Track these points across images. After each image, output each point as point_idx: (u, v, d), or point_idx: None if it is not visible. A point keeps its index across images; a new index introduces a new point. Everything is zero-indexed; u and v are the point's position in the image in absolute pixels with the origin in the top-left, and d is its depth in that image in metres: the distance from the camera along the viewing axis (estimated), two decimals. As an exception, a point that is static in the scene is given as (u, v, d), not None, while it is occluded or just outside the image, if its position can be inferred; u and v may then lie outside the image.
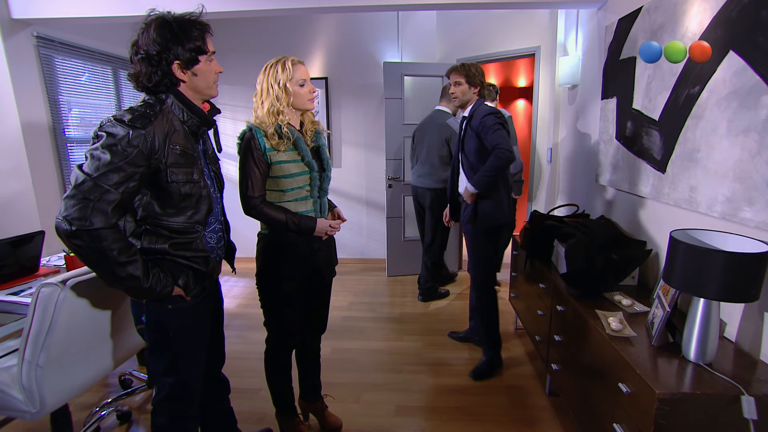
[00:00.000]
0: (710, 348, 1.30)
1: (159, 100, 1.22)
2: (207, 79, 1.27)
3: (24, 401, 1.39)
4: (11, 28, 2.66)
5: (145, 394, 2.23)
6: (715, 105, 1.51)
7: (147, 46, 1.17)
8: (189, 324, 1.34)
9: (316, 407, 2.01)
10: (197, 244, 1.30)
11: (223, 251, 1.47)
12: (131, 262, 1.14)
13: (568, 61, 2.88)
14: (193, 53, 1.21)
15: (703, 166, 1.58)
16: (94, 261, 1.12)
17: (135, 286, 1.16)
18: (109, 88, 3.55)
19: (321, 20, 4.14)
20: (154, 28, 1.18)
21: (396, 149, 3.87)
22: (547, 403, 2.18)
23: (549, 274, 2.19)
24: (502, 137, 2.12)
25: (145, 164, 1.14)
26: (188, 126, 1.27)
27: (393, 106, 3.80)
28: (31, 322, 1.34)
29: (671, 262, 1.31)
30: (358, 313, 3.31)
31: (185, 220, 1.25)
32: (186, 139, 1.24)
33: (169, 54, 1.18)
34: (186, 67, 1.22)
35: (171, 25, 1.18)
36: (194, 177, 1.25)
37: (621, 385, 1.36)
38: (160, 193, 1.20)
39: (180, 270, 1.27)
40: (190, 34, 1.19)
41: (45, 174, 2.88)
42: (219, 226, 1.43)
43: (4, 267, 1.97)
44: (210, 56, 1.27)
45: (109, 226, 1.10)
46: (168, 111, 1.22)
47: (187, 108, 1.25)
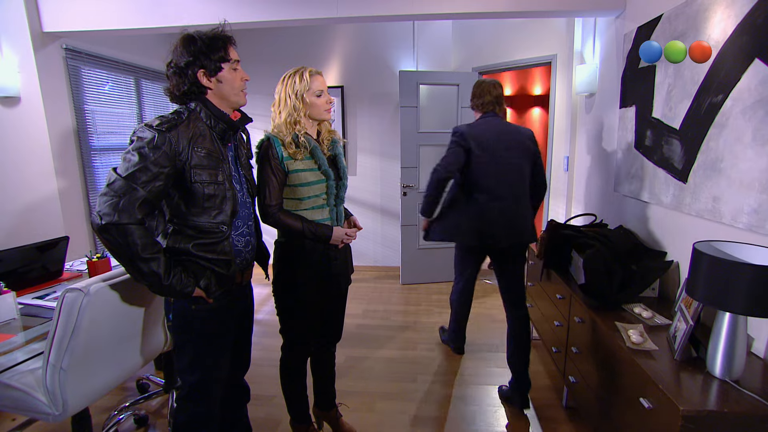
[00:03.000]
0: (737, 364, 1.26)
1: (188, 109, 1.32)
2: (232, 86, 1.35)
3: (47, 403, 1.43)
4: (42, 41, 2.77)
5: (162, 399, 2.26)
6: (740, 113, 1.47)
7: (177, 60, 1.29)
8: (211, 325, 1.38)
9: (330, 416, 2.00)
10: (223, 246, 1.34)
11: (251, 255, 1.50)
12: (154, 258, 1.21)
13: (585, 70, 2.86)
14: (216, 62, 1.30)
15: (728, 176, 1.54)
16: (120, 254, 1.19)
17: (156, 283, 1.23)
18: (131, 97, 3.66)
19: (338, 30, 4.19)
20: (181, 44, 1.30)
21: (411, 157, 3.88)
22: (565, 416, 2.13)
23: (566, 285, 2.16)
24: (444, 155, 2.12)
25: (170, 165, 1.22)
26: (216, 131, 1.34)
27: (408, 114, 3.82)
28: (56, 326, 1.37)
29: (695, 274, 1.28)
30: (372, 321, 3.31)
31: (209, 219, 1.31)
32: (212, 142, 1.32)
33: (195, 64, 1.28)
34: (211, 75, 1.31)
35: (195, 39, 1.29)
36: (218, 179, 1.31)
37: (642, 400, 1.32)
38: (185, 193, 1.28)
39: (202, 272, 1.31)
40: (212, 45, 1.29)
41: (70, 180, 2.97)
42: (247, 230, 1.47)
43: (31, 271, 2.04)
44: (233, 64, 1.34)
45: (135, 222, 1.18)
46: (195, 118, 1.31)
47: (213, 113, 1.33)
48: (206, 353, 1.39)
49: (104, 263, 2.09)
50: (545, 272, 2.49)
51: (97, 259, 2.09)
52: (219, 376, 1.44)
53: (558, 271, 2.36)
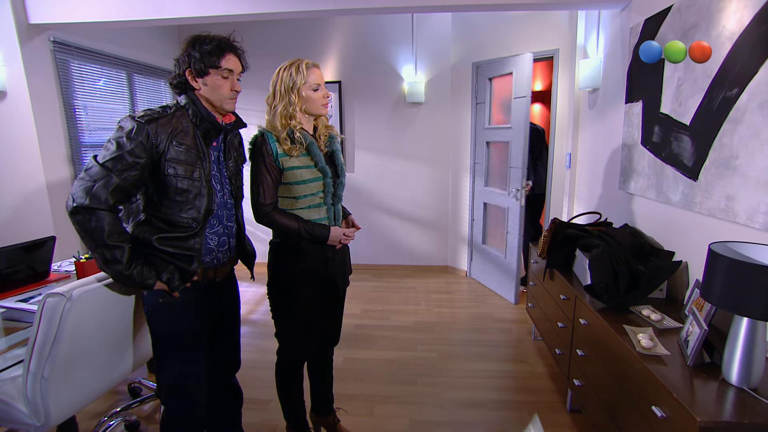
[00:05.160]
0: (755, 371, 1.20)
1: (177, 105, 1.35)
2: (218, 92, 1.36)
3: (28, 414, 1.35)
4: (28, 33, 2.68)
5: (154, 403, 2.19)
6: (757, 108, 1.41)
7: (179, 53, 1.36)
8: (178, 319, 1.39)
9: (328, 421, 1.94)
10: (192, 242, 1.35)
11: (226, 255, 1.48)
12: (118, 247, 1.24)
13: (588, 64, 2.79)
14: (205, 65, 1.32)
15: (742, 174, 1.48)
16: (86, 238, 1.23)
17: (117, 271, 1.25)
18: (124, 92, 3.56)
19: (335, 23, 4.11)
20: (186, 40, 1.35)
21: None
22: (569, 420, 2.08)
23: (570, 285, 2.10)
24: None
25: (146, 156, 1.25)
26: (200, 129, 1.36)
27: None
28: (36, 332, 1.30)
29: (710, 277, 1.22)
30: (370, 321, 3.24)
31: (179, 213, 1.32)
32: (194, 140, 1.34)
33: (186, 62, 1.33)
34: (197, 76, 1.34)
35: (197, 40, 1.33)
36: (194, 175, 1.33)
37: (655, 409, 1.26)
38: (159, 185, 1.31)
39: (164, 266, 1.32)
40: (209, 50, 1.31)
41: (59, 178, 2.88)
42: (224, 230, 1.45)
43: (17, 272, 1.96)
44: (224, 72, 1.35)
45: (105, 208, 1.21)
46: (182, 114, 1.34)
47: (199, 113, 1.35)
48: (176, 346, 1.41)
49: (92, 264, 2.02)
50: (548, 272, 2.43)
51: (86, 259, 2.02)
52: (194, 373, 1.43)
53: (561, 270, 2.30)
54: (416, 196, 4.33)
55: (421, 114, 4.18)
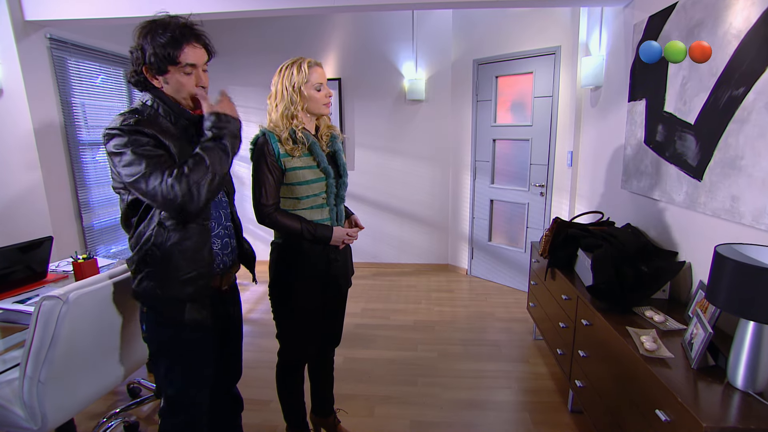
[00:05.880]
0: (762, 375, 1.19)
1: (144, 105, 1.21)
2: (183, 92, 1.22)
3: (25, 418, 1.34)
4: (24, 30, 2.64)
5: (154, 404, 2.18)
6: (764, 108, 1.39)
7: (132, 47, 1.18)
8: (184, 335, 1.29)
9: (328, 422, 1.93)
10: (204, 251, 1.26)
11: (230, 258, 1.40)
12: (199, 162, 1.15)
13: (591, 62, 2.76)
14: (160, 61, 1.16)
15: (748, 174, 1.46)
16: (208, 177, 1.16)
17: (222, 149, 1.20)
18: (122, 89, 3.53)
19: (335, 20, 4.07)
20: (137, 31, 1.17)
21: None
22: (571, 421, 2.07)
23: (572, 285, 2.08)
24: None
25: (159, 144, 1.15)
26: (178, 127, 1.23)
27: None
28: (33, 336, 1.28)
29: (716, 279, 1.20)
30: (371, 320, 3.23)
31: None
32: (179, 139, 1.22)
33: (141, 57, 1.17)
34: (156, 74, 1.19)
35: (147, 28, 1.16)
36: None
37: (658, 412, 1.25)
38: None
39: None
40: (157, 40, 1.14)
41: (57, 176, 2.86)
42: (224, 232, 1.37)
43: (14, 273, 1.94)
44: (184, 68, 1.19)
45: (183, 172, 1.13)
46: (154, 114, 1.20)
47: (171, 110, 1.22)
48: (181, 362, 1.32)
49: (90, 264, 2.00)
50: (549, 271, 2.42)
51: (83, 260, 2.00)
52: (199, 387, 1.36)
53: (563, 270, 2.29)
54: (416, 194, 4.30)
55: (422, 111, 4.15)
